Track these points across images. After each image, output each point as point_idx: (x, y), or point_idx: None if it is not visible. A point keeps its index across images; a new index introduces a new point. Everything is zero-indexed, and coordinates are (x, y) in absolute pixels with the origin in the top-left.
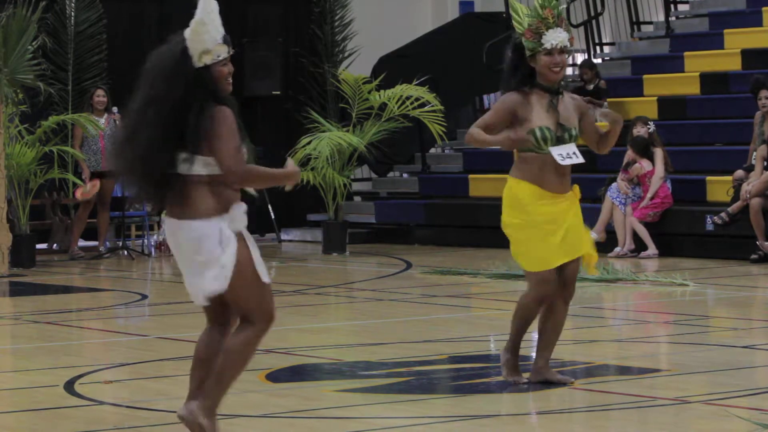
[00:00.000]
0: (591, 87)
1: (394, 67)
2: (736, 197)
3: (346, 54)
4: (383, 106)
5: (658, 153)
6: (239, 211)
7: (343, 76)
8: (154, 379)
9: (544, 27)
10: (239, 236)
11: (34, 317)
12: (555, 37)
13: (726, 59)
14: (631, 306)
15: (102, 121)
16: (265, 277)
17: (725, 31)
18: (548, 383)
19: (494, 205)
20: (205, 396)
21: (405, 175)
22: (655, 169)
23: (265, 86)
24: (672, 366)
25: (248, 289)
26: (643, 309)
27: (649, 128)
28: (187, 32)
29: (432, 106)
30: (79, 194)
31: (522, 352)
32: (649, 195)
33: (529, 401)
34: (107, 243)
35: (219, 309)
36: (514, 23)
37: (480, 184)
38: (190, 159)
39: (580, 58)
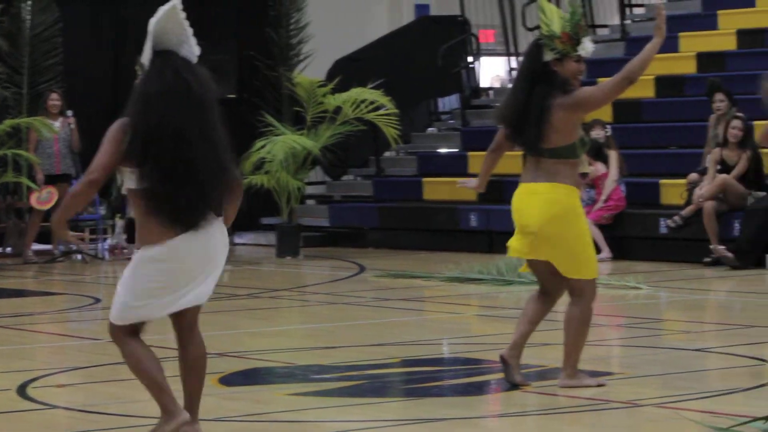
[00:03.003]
0: None
1: (349, 71)
2: (689, 200)
3: (301, 57)
4: (338, 110)
5: (613, 156)
6: None
7: (298, 80)
8: (108, 383)
9: (581, 34)
10: None
11: None
12: (589, 47)
13: (681, 62)
14: None
15: (57, 124)
16: None
17: (680, 34)
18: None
19: (448, 209)
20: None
21: (359, 179)
22: (609, 172)
23: (219, 89)
24: (624, 369)
25: None
26: (595, 312)
27: (606, 131)
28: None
29: (387, 109)
30: (34, 202)
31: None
32: (602, 198)
33: (481, 405)
34: (61, 246)
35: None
36: (542, 23)
37: (434, 188)
38: None
39: None
